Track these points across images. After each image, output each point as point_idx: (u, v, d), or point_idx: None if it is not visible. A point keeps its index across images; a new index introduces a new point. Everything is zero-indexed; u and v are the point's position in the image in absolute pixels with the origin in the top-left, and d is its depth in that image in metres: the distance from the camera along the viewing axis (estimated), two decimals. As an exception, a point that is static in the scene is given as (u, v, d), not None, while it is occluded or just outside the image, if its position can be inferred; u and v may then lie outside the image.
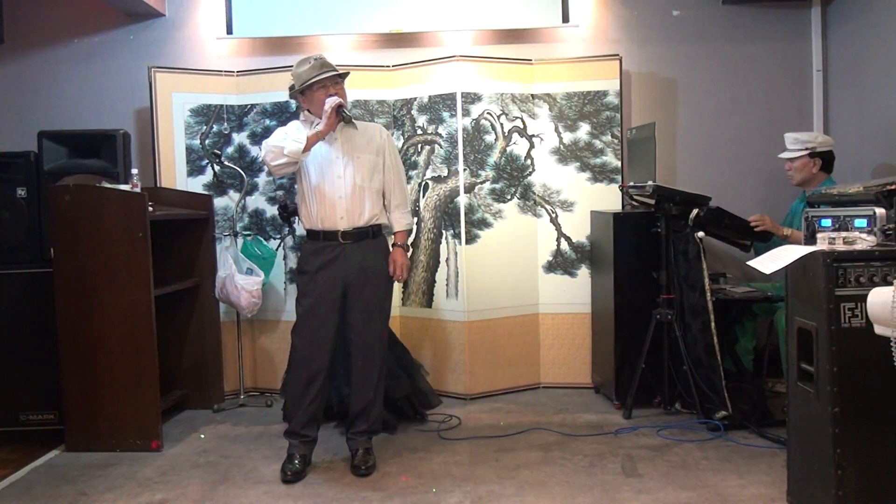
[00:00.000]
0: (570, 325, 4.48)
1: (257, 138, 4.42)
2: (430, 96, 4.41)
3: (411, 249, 4.41)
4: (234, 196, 4.47)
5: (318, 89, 3.22)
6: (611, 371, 4.07)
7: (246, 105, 4.51)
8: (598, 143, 4.44)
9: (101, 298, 3.55)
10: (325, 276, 3.24)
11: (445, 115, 4.36)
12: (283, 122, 3.96)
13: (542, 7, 4.67)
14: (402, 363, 3.89)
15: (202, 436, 3.79)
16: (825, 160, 3.95)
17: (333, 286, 3.25)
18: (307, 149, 3.18)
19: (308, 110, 3.31)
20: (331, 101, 3.17)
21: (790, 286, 2.69)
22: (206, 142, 4.47)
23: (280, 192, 4.43)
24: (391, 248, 3.38)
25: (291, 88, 3.35)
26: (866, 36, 4.28)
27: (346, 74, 3.32)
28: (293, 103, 4.12)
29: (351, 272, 3.26)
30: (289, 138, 3.20)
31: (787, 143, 4.01)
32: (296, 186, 3.46)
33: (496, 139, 4.41)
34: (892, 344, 2.08)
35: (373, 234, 3.32)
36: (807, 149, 3.93)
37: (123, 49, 4.79)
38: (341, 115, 3.21)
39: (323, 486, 3.14)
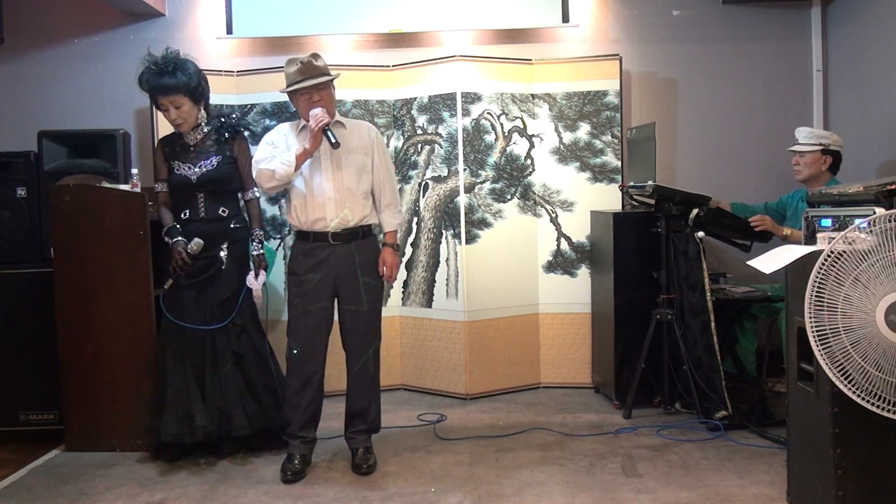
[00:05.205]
0: (570, 325, 4.48)
1: (257, 138, 4.39)
2: (430, 96, 4.41)
3: (401, 249, 4.41)
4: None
5: (301, 94, 3.21)
6: (611, 371, 4.07)
7: (246, 105, 4.50)
8: (598, 143, 4.44)
9: (101, 298, 3.54)
10: (315, 278, 3.24)
11: (445, 114, 4.36)
12: (284, 122, 3.94)
13: (542, 7, 4.67)
14: (267, 388, 3.54)
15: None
16: (835, 160, 3.92)
17: (325, 287, 3.25)
18: (296, 168, 3.18)
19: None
20: (317, 119, 3.13)
21: (790, 286, 2.69)
22: (206, 142, 4.46)
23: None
24: (381, 248, 3.36)
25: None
26: (866, 36, 4.28)
27: (332, 79, 3.25)
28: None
29: (342, 272, 3.25)
30: (276, 158, 3.20)
31: (800, 137, 3.93)
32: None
33: (496, 139, 4.41)
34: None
35: (363, 235, 3.31)
36: (821, 144, 3.87)
37: (123, 49, 4.78)
38: (328, 138, 3.16)
39: (323, 486, 3.14)
